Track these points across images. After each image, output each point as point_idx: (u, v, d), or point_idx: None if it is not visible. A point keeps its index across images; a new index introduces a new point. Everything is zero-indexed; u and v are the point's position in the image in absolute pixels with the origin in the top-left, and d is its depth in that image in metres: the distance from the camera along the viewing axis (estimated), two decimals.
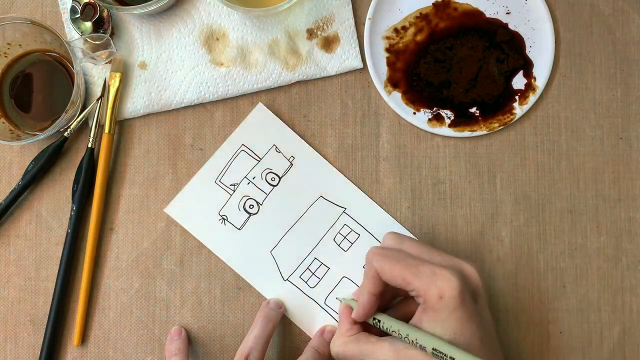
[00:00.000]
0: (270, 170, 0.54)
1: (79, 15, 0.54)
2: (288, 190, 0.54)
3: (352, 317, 0.47)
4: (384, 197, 0.54)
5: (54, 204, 0.55)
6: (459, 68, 0.54)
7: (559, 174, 0.54)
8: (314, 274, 0.54)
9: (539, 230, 0.54)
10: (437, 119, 0.54)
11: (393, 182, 0.54)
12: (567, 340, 0.53)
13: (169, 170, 0.55)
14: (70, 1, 0.54)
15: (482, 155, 0.55)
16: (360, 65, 0.54)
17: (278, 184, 0.54)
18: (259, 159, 0.54)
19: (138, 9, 0.51)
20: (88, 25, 0.54)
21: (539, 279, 0.54)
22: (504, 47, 0.54)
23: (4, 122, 0.54)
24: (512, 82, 0.54)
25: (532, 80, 0.54)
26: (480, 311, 0.45)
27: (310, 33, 0.55)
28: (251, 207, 0.54)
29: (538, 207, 0.54)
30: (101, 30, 0.54)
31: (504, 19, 0.54)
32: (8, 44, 0.53)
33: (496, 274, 0.54)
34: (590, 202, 0.54)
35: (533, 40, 0.54)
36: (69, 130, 0.54)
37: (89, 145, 0.54)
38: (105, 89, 0.54)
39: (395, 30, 0.54)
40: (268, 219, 0.54)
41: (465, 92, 0.54)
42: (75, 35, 0.54)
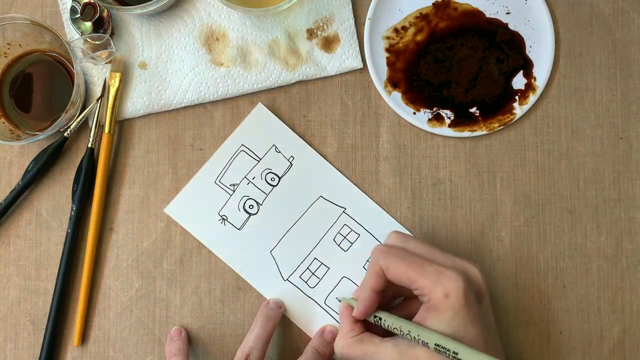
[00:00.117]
0: (270, 171, 0.54)
1: (79, 15, 0.54)
2: (288, 190, 0.54)
3: (353, 314, 0.47)
4: (384, 197, 0.54)
5: (54, 204, 0.55)
6: (459, 68, 0.54)
7: (559, 174, 0.54)
8: (314, 274, 0.54)
9: (539, 230, 0.54)
10: (437, 119, 0.54)
11: (393, 182, 0.54)
12: (567, 340, 0.53)
13: (169, 170, 0.55)
14: (70, 1, 0.54)
15: (482, 155, 0.55)
16: (360, 65, 0.54)
17: (278, 184, 0.54)
18: (259, 159, 0.54)
19: (138, 9, 0.51)
20: (88, 25, 0.54)
21: (539, 279, 0.54)
22: (504, 47, 0.54)
23: (4, 122, 0.54)
24: (512, 82, 0.54)
25: (532, 80, 0.54)
26: (484, 312, 0.45)
27: (310, 33, 0.55)
28: (251, 207, 0.54)
29: (538, 207, 0.54)
30: (101, 30, 0.54)
31: (504, 19, 0.54)
32: (8, 44, 0.53)
33: (496, 274, 0.54)
34: (590, 202, 0.54)
35: (533, 40, 0.54)
36: (69, 130, 0.54)
37: (89, 145, 0.54)
38: (105, 89, 0.54)
39: (395, 30, 0.54)
40: (268, 219, 0.54)
41: (465, 92, 0.54)
42: (75, 35, 0.54)
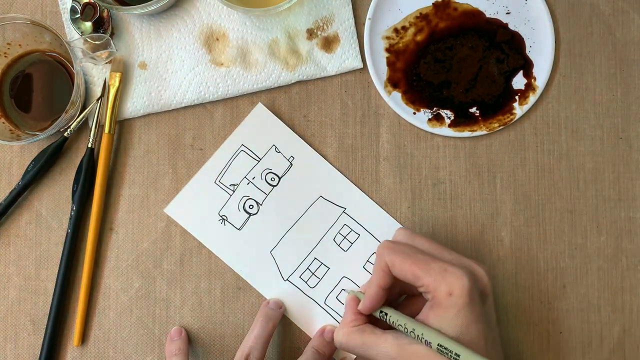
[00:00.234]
0: (270, 171, 0.54)
1: (79, 15, 0.54)
2: (288, 191, 0.54)
3: (359, 308, 0.47)
4: (384, 197, 0.54)
5: (54, 204, 0.55)
6: (459, 68, 0.54)
7: (559, 174, 0.54)
8: (314, 274, 0.54)
9: (539, 230, 0.54)
10: (437, 119, 0.54)
11: (393, 182, 0.54)
12: (567, 340, 0.53)
13: (169, 170, 0.55)
14: (70, 1, 0.54)
15: (482, 155, 0.55)
16: (360, 65, 0.54)
17: (278, 184, 0.54)
18: (259, 159, 0.54)
19: (138, 9, 0.51)
20: (88, 25, 0.54)
21: (539, 279, 0.54)
22: (504, 47, 0.54)
23: (4, 122, 0.54)
24: (512, 82, 0.54)
25: (532, 80, 0.54)
26: (486, 311, 0.45)
27: (310, 33, 0.55)
28: (251, 207, 0.54)
29: (538, 207, 0.54)
30: (101, 30, 0.54)
31: (504, 19, 0.54)
32: (8, 44, 0.53)
33: (496, 274, 0.54)
34: (590, 202, 0.54)
35: (533, 40, 0.54)
36: (69, 130, 0.54)
37: (89, 145, 0.54)
38: (105, 89, 0.54)
39: (395, 30, 0.54)
40: (268, 219, 0.54)
41: (465, 92, 0.54)
42: (75, 35, 0.54)
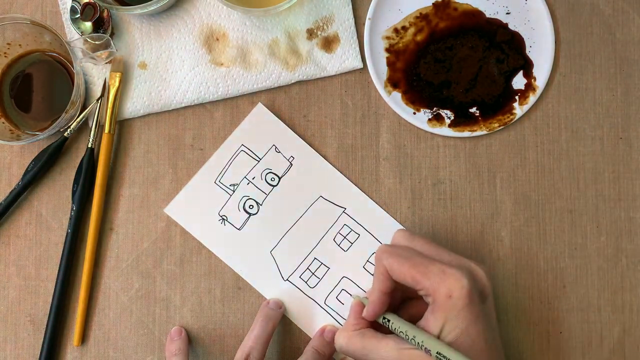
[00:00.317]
0: (270, 171, 0.54)
1: (79, 15, 0.54)
2: (288, 191, 0.54)
3: (363, 315, 0.47)
4: (384, 197, 0.54)
5: (54, 204, 0.55)
6: (459, 68, 0.54)
7: (559, 174, 0.54)
8: (314, 274, 0.54)
9: (539, 230, 0.54)
10: (437, 119, 0.54)
11: (393, 182, 0.54)
12: (567, 340, 0.53)
13: (169, 170, 0.55)
14: (70, 1, 0.54)
15: (482, 155, 0.55)
16: (360, 65, 0.54)
17: (278, 184, 0.54)
18: (259, 159, 0.54)
19: (138, 9, 0.51)
20: (88, 25, 0.54)
21: (539, 279, 0.54)
22: (504, 47, 0.54)
23: (4, 122, 0.54)
24: (512, 82, 0.54)
25: (532, 80, 0.54)
26: (486, 312, 0.45)
27: (310, 33, 0.55)
28: (251, 207, 0.54)
29: (538, 207, 0.54)
30: (101, 30, 0.54)
31: (504, 19, 0.54)
32: (8, 44, 0.53)
33: (496, 274, 0.54)
34: (590, 202, 0.54)
35: (533, 40, 0.54)
36: (69, 130, 0.54)
37: (89, 145, 0.54)
38: (105, 89, 0.54)
39: (395, 30, 0.54)
40: (268, 219, 0.54)
41: (465, 92, 0.54)
42: (75, 35, 0.54)
